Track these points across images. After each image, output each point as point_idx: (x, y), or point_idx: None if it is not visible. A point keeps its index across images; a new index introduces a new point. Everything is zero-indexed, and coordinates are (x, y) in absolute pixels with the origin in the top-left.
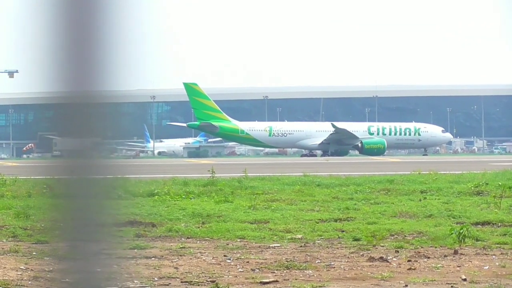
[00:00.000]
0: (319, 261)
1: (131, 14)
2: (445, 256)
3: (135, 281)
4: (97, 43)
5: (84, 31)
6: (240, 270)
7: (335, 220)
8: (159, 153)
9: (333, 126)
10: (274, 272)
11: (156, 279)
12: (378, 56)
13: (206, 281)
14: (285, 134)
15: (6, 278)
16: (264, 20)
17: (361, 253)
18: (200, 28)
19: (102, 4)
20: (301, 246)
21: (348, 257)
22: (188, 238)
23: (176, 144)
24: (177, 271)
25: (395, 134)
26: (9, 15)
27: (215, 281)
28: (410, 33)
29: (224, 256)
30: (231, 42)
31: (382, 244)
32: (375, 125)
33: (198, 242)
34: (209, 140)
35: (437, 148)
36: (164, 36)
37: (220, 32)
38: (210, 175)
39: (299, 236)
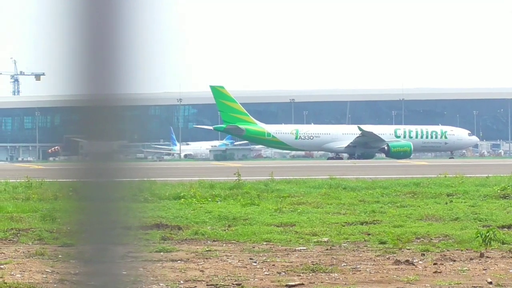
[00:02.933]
0: (345, 264)
1: (159, 17)
2: (471, 259)
3: (161, 284)
4: (124, 46)
5: (111, 33)
6: (266, 273)
7: (361, 223)
8: (185, 155)
9: (360, 129)
10: (300, 275)
11: (181, 282)
12: (405, 59)
13: (232, 284)
14: (311, 137)
15: (32, 281)
16: (291, 23)
17: (387, 256)
18: (227, 31)
19: (130, 7)
20: (327, 249)
21: (374, 260)
22: (214, 241)
23: (203, 146)
24: (203, 274)
25: (422, 137)
26: (36, 18)
27: (241, 284)
28: (437, 36)
29: (250, 259)
30: (258, 45)
31: (408, 247)
32: (402, 128)
33: (224, 245)
34: (236, 143)
35: (464, 151)
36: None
37: (248, 35)
38: (236, 178)
39: (325, 239)
